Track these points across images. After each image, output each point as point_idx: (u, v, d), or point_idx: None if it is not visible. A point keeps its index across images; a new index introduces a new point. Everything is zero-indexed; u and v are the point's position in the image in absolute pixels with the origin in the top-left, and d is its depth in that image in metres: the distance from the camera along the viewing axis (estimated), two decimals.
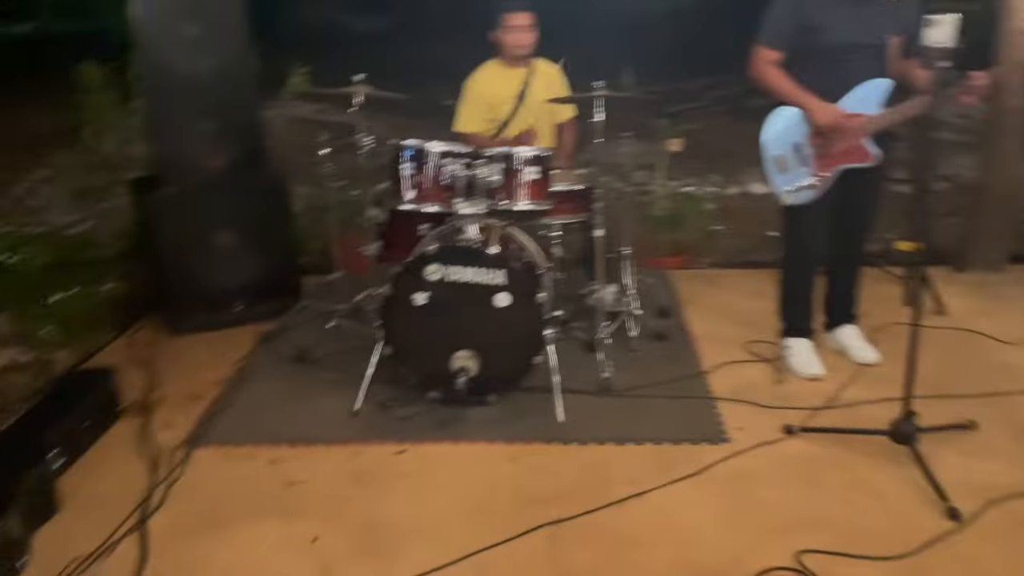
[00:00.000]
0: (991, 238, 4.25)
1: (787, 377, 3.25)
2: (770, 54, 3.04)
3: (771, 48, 3.04)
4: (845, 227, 3.23)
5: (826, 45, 2.93)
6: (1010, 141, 4.07)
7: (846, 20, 2.90)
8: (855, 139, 2.98)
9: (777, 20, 3.02)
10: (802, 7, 2.97)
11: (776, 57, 3.04)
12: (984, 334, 3.55)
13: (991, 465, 2.61)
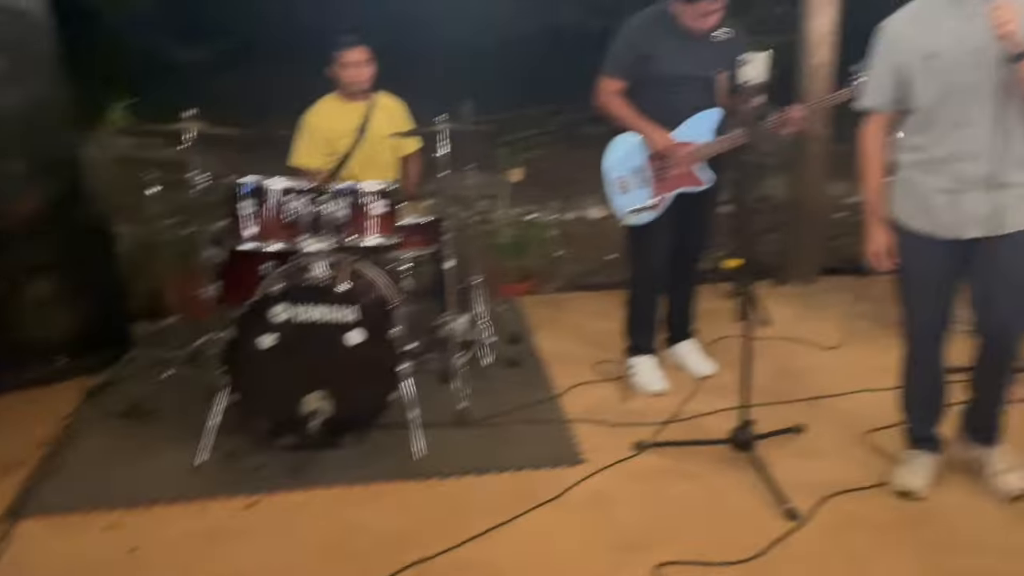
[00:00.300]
0: (805, 253, 4.63)
1: (634, 394, 3.38)
2: (612, 84, 3.21)
3: (613, 78, 3.20)
4: (682, 248, 3.42)
5: (660, 76, 3.13)
6: (816, 164, 4.48)
7: (678, 54, 3.11)
8: (689, 164, 3.18)
9: (618, 52, 3.20)
10: (639, 41, 3.16)
11: (618, 87, 3.21)
12: (805, 341, 3.86)
13: (821, 464, 2.83)
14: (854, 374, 3.47)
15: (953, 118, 2.31)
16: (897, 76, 2.39)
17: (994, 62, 2.21)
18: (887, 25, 2.43)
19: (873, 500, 2.62)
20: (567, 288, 4.73)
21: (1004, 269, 2.36)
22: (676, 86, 3.14)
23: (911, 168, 2.44)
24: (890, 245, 2.50)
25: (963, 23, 2.25)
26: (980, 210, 2.32)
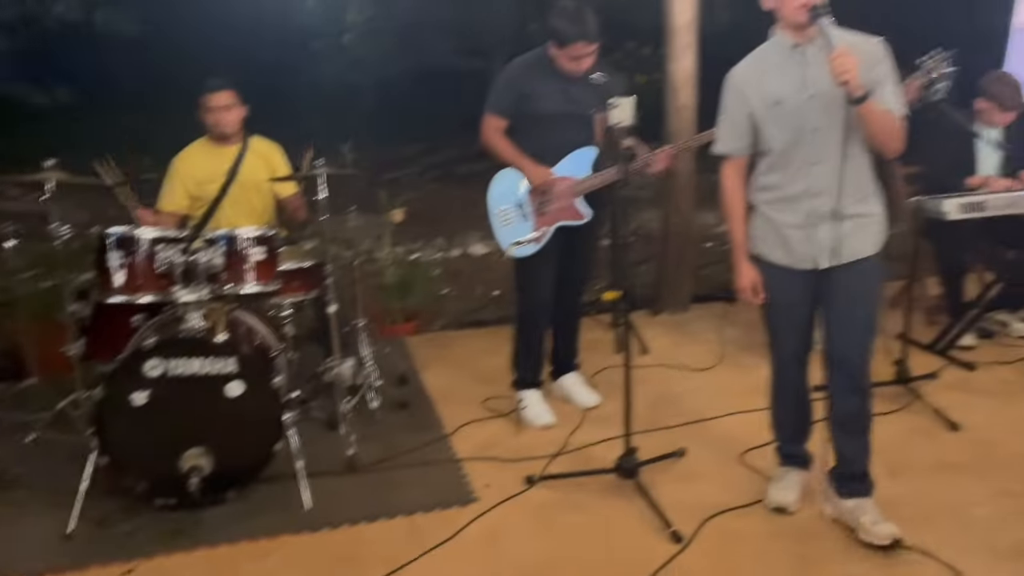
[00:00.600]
0: (677, 282, 4.84)
1: (524, 428, 3.43)
2: (495, 121, 3.31)
3: (496, 116, 3.31)
4: (565, 281, 3.51)
5: (540, 115, 3.25)
6: (684, 198, 4.70)
7: (556, 94, 3.23)
8: (568, 199, 3.29)
9: (500, 92, 3.31)
10: (520, 81, 3.27)
11: (500, 124, 3.31)
12: (682, 367, 4.03)
13: (702, 486, 2.95)
14: (728, 397, 3.64)
15: (802, 158, 2.47)
16: (747, 123, 2.54)
17: (834, 105, 2.39)
18: (733, 74, 2.57)
19: (751, 517, 2.75)
20: (454, 326, 4.76)
21: (850, 295, 2.53)
22: (555, 125, 3.26)
23: (767, 206, 2.58)
24: (757, 280, 2.63)
25: (802, 70, 2.43)
26: (830, 241, 2.48)
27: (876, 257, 2.55)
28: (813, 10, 2.31)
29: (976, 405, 3.48)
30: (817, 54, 2.41)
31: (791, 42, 2.45)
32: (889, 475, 2.88)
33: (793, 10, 2.35)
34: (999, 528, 2.64)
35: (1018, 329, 4.28)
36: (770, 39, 2.53)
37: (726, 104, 2.59)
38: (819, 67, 2.40)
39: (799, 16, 2.35)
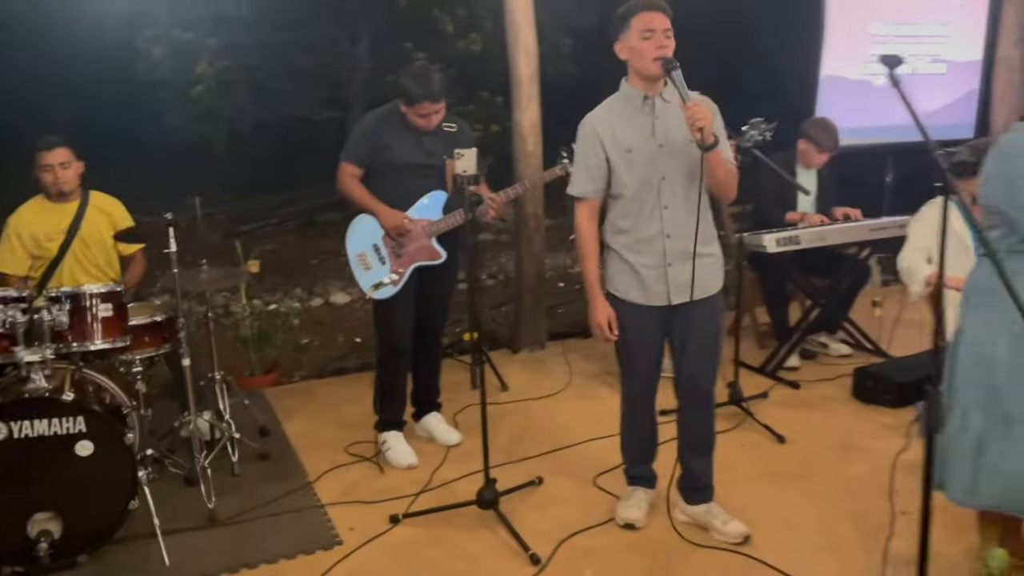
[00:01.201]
0: (533, 322, 5.06)
1: (388, 470, 3.50)
2: (352, 169, 3.43)
3: (352, 164, 3.43)
4: (424, 323, 3.63)
5: (393, 164, 3.39)
6: (535, 241, 4.95)
7: (408, 146, 3.39)
8: (423, 240, 3.43)
9: (356, 142, 3.45)
10: (375, 133, 3.41)
11: (357, 172, 3.44)
12: (539, 401, 4.22)
13: (557, 510, 3.11)
14: (582, 426, 3.85)
15: (653, 203, 2.67)
16: (602, 167, 2.68)
17: (681, 154, 2.63)
18: (588, 122, 2.71)
19: (603, 535, 2.93)
20: (316, 375, 4.76)
21: (700, 328, 2.76)
22: (408, 174, 3.41)
23: (623, 249, 2.72)
24: (611, 316, 2.75)
25: (652, 121, 2.65)
26: (683, 279, 2.70)
27: (720, 293, 2.81)
28: (666, 63, 2.53)
29: (801, 420, 3.85)
30: (664, 107, 2.66)
31: (642, 94, 2.66)
32: (726, 486, 3.14)
33: (648, 62, 2.56)
34: (817, 529, 2.94)
35: (837, 349, 4.75)
36: (621, 90, 2.72)
37: (581, 149, 2.73)
38: (666, 119, 2.64)
39: (653, 68, 2.56)
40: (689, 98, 2.49)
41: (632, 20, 2.58)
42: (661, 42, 2.55)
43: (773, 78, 6.11)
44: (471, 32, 8.25)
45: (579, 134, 2.75)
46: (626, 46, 2.62)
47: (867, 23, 5.84)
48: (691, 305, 2.71)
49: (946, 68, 6.18)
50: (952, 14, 6.06)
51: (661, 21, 2.56)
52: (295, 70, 8.54)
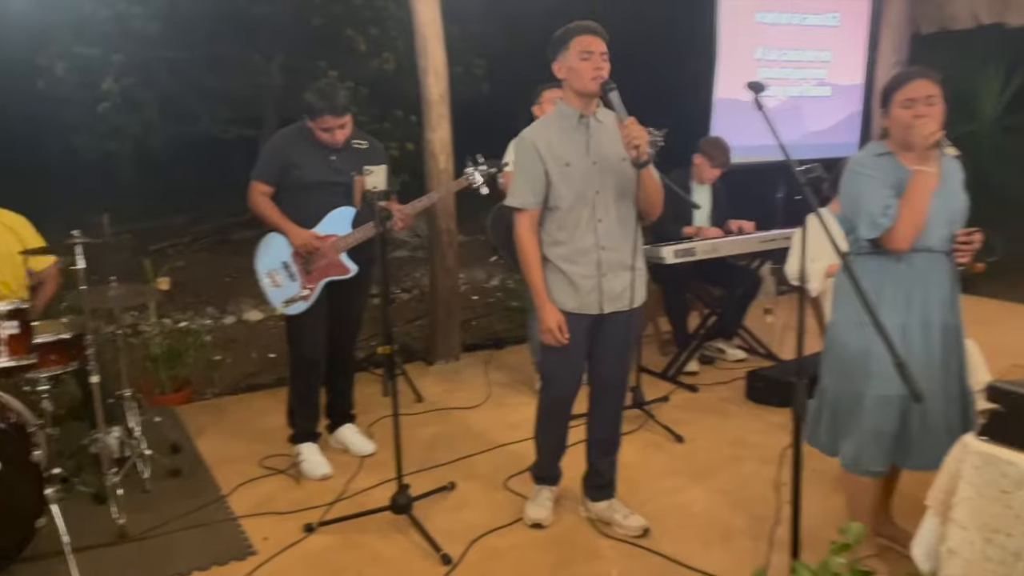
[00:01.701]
0: (448, 334, 5.18)
1: (302, 481, 3.55)
2: (261, 187, 3.49)
3: (262, 182, 3.49)
4: (337, 337, 3.70)
5: (302, 182, 3.46)
6: (448, 255, 5.08)
7: (317, 163, 3.46)
8: (333, 255, 3.51)
9: (266, 159, 3.51)
10: (284, 151, 3.48)
11: (267, 190, 3.50)
12: (453, 410, 4.34)
13: (468, 513, 3.23)
14: (494, 433, 3.99)
15: (588, 216, 2.81)
16: (543, 180, 2.77)
17: (613, 171, 2.78)
18: (527, 137, 2.81)
19: (512, 534, 3.07)
20: (229, 392, 4.75)
21: (622, 337, 2.92)
22: (317, 190, 3.47)
23: (560, 260, 2.82)
24: (561, 320, 2.80)
25: (587, 139, 2.80)
26: (615, 290, 2.85)
27: (643, 305, 2.98)
28: (605, 84, 2.68)
29: (698, 421, 4.08)
30: (598, 126, 2.82)
31: (577, 113, 2.80)
32: (629, 484, 3.32)
33: (588, 81, 2.70)
34: (711, 520, 3.14)
35: (733, 354, 5.04)
36: (556, 108, 2.87)
37: (522, 162, 2.82)
38: (599, 138, 2.80)
39: (592, 86, 2.71)
40: (626, 117, 2.64)
41: (571, 42, 2.73)
42: (599, 64, 2.71)
43: (672, 100, 6.42)
44: (384, 51, 8.35)
45: (519, 148, 2.85)
46: (565, 65, 2.76)
47: (754, 49, 6.22)
48: (616, 315, 2.87)
49: (831, 91, 6.62)
50: (832, 41, 6.51)
51: (599, 45, 2.73)
52: (206, 87, 8.47)
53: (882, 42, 6.39)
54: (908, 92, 2.38)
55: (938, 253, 2.49)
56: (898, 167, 2.47)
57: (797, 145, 6.66)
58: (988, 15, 6.05)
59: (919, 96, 2.37)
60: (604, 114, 2.85)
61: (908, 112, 2.38)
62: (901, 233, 2.40)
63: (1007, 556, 1.73)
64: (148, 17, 7.46)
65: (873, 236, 2.44)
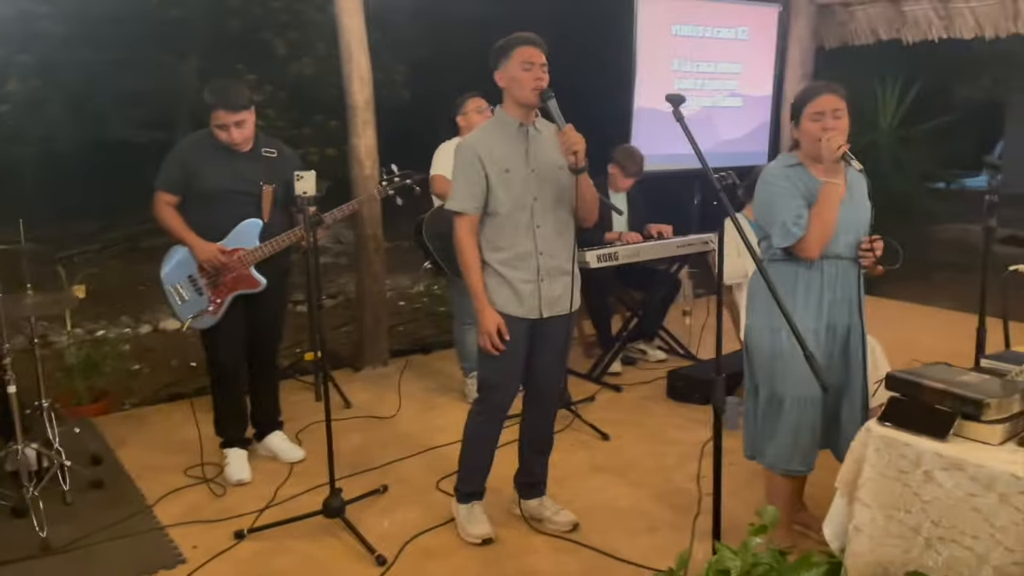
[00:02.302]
0: (375, 340, 5.19)
1: (228, 488, 3.51)
2: (166, 197, 3.43)
3: (166, 191, 3.42)
4: (257, 347, 3.69)
5: (207, 190, 3.40)
6: (375, 261, 5.09)
7: (222, 170, 3.41)
8: (241, 269, 3.47)
9: (169, 168, 3.44)
10: (187, 158, 3.42)
11: (171, 199, 3.43)
12: (382, 416, 4.36)
13: (401, 515, 3.27)
14: (424, 436, 4.03)
15: (527, 222, 2.86)
16: (483, 185, 2.80)
17: (550, 179, 2.85)
18: (468, 144, 2.85)
19: (446, 534, 3.12)
20: (149, 401, 4.64)
21: (559, 340, 2.99)
22: (223, 200, 3.42)
23: (501, 265, 2.85)
24: (501, 323, 2.82)
25: (526, 146, 2.86)
26: (554, 294, 2.92)
27: None
28: (544, 93, 2.74)
29: (623, 419, 4.22)
30: (536, 135, 2.88)
31: (517, 121, 2.86)
32: (558, 481, 3.41)
33: (528, 92, 2.76)
34: (636, 513, 3.27)
35: (654, 355, 5.21)
36: (496, 117, 2.92)
37: (463, 168, 2.83)
38: (538, 146, 2.87)
39: (532, 97, 2.76)
40: (564, 125, 2.72)
41: (513, 52, 2.79)
42: (539, 74, 2.78)
43: (594, 110, 6.59)
44: (304, 56, 8.27)
45: (459, 155, 2.87)
46: (506, 75, 2.82)
47: (671, 60, 6.45)
48: (555, 319, 2.95)
49: (743, 102, 6.91)
50: (743, 54, 6.81)
51: (539, 56, 2.80)
52: (117, 90, 8.22)
53: (789, 55, 6.72)
54: (817, 106, 2.55)
55: (846, 260, 2.65)
56: (809, 178, 2.63)
57: (711, 153, 6.75)
58: (886, 32, 6.45)
59: (827, 109, 2.53)
60: (542, 124, 2.93)
61: (817, 125, 2.55)
62: (812, 242, 2.54)
63: (906, 531, 1.89)
64: (57, 17, 7.21)
65: (786, 245, 2.58)
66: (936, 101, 9.29)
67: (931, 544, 1.85)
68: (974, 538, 1.78)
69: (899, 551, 1.91)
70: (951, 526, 1.81)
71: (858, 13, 6.53)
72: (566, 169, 2.85)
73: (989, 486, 1.76)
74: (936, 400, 1.91)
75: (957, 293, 6.70)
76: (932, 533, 1.84)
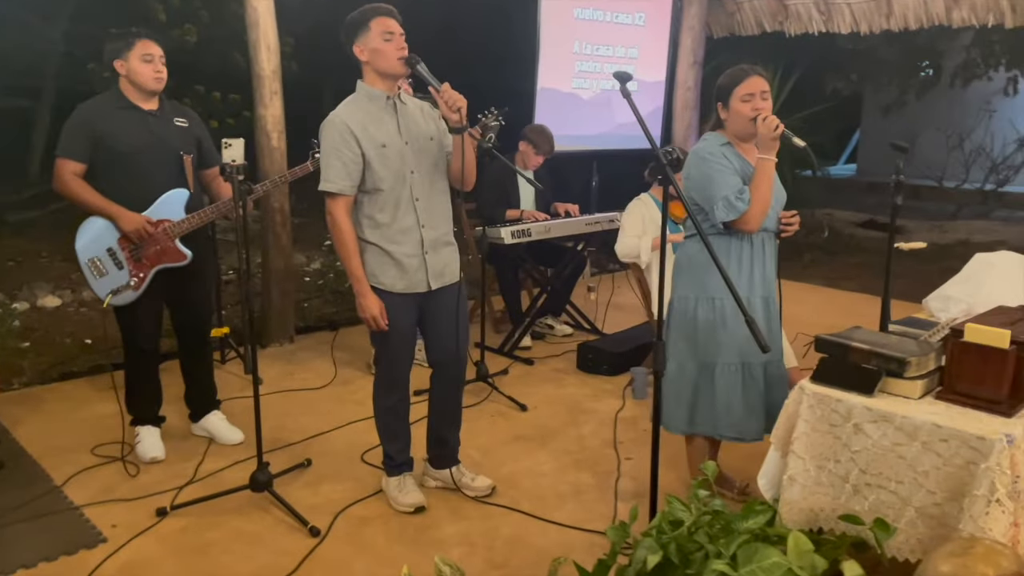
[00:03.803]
0: (282, 316, 5.09)
1: (141, 465, 3.39)
2: (71, 165, 3.19)
3: (71, 159, 3.19)
4: (184, 324, 3.56)
5: (121, 152, 3.21)
6: (282, 235, 4.98)
7: (134, 129, 3.24)
8: (166, 241, 3.33)
9: (71, 132, 3.21)
10: (91, 119, 3.21)
11: (78, 168, 3.20)
12: (296, 391, 4.30)
13: (330, 487, 3.27)
14: (341, 410, 4.02)
15: (408, 195, 2.84)
16: (358, 163, 2.74)
17: (425, 150, 2.85)
18: (338, 119, 2.74)
19: (376, 504, 3.14)
20: (40, 381, 4.38)
21: (451, 310, 2.98)
22: (140, 163, 3.25)
23: (382, 240, 2.81)
24: (383, 307, 2.81)
25: (396, 119, 2.84)
26: (439, 266, 2.94)
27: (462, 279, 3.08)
28: (409, 60, 2.72)
29: (537, 391, 4.34)
30: (403, 108, 2.86)
31: (384, 94, 2.82)
32: (481, 451, 3.50)
33: (393, 62, 2.73)
34: (560, 479, 3.39)
35: (561, 330, 5.36)
36: (360, 91, 2.84)
37: (334, 146, 2.74)
38: (407, 118, 2.85)
39: (399, 67, 2.74)
40: (440, 84, 2.70)
41: (371, 23, 2.74)
42: (401, 43, 2.76)
43: (499, 89, 6.66)
44: (186, 22, 7.88)
45: (330, 131, 2.76)
46: (367, 48, 2.75)
47: (571, 43, 6.60)
48: (443, 290, 2.97)
49: (638, 86, 7.16)
50: (639, 39, 7.05)
51: (397, 26, 2.77)
52: None
53: (682, 43, 7.00)
54: (746, 88, 2.71)
55: (770, 232, 2.85)
56: (737, 156, 2.79)
57: (608, 136, 7.17)
58: (771, 24, 6.82)
59: (756, 91, 2.71)
60: (406, 96, 2.93)
61: (747, 105, 2.71)
62: (754, 215, 2.69)
63: (836, 479, 2.09)
64: None
65: (731, 219, 2.70)
66: (810, 92, 9.94)
67: (858, 490, 2.05)
68: (899, 483, 1.99)
69: (829, 498, 2.11)
70: (878, 473, 2.01)
71: (745, 5, 6.87)
72: (437, 139, 2.88)
73: (913, 435, 1.98)
74: (863, 360, 2.12)
75: (826, 273, 7.27)
76: (860, 480, 2.04)
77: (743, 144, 2.81)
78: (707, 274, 2.75)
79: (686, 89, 6.86)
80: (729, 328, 2.75)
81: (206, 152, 3.50)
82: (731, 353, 2.79)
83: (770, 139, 2.66)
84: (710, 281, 2.75)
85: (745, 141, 2.79)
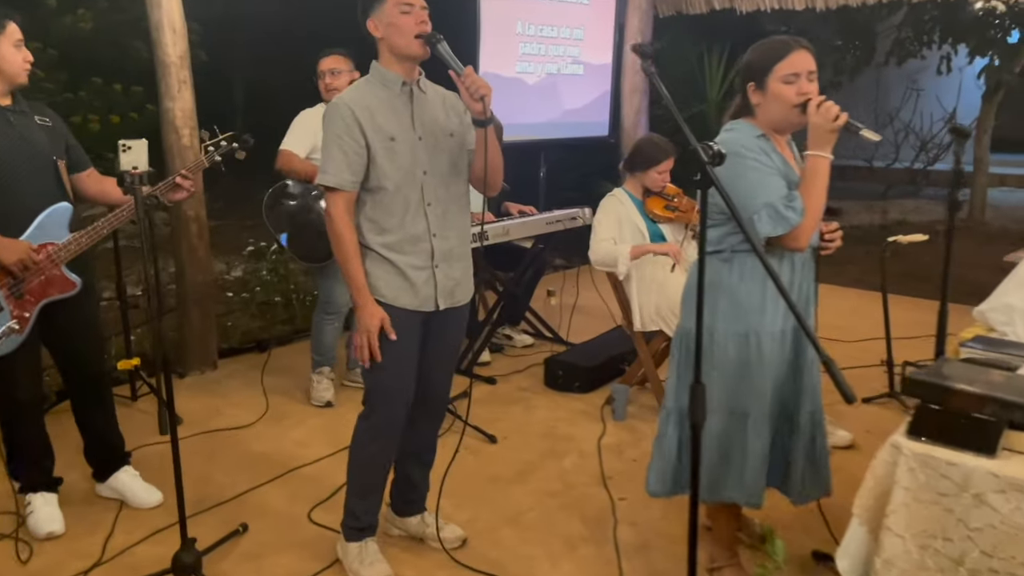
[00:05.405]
0: (202, 338, 4.43)
1: (36, 544, 2.75)
2: None
3: None
4: (75, 364, 2.93)
5: None
6: (199, 247, 4.32)
7: (5, 134, 2.64)
8: (51, 269, 2.70)
9: None
10: None
11: None
12: (224, 430, 3.68)
13: (271, 560, 2.69)
14: (280, 455, 3.42)
15: (418, 198, 2.37)
16: (363, 155, 2.33)
17: (441, 148, 2.38)
18: (343, 104, 2.32)
19: None
20: None
21: (451, 335, 2.55)
22: (14, 176, 2.64)
23: (385, 249, 2.39)
24: (385, 319, 2.36)
25: (411, 109, 2.36)
26: (449, 283, 2.45)
27: None
28: (429, 38, 2.26)
29: (504, 417, 3.82)
30: (421, 96, 2.39)
31: (400, 79, 2.36)
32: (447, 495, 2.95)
33: (410, 39, 2.27)
34: (548, 530, 2.89)
35: (521, 340, 4.87)
36: (374, 73, 2.39)
37: (336, 134, 2.32)
38: (424, 109, 2.38)
39: (415, 46, 2.28)
40: (463, 68, 2.23)
41: None
42: (422, 17, 2.29)
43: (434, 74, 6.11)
44: (80, 8, 7.04)
45: (334, 117, 2.33)
46: (382, 22, 2.31)
47: (514, 23, 6.08)
48: (450, 312, 2.50)
49: (583, 70, 6.69)
50: (584, 19, 6.57)
51: None
52: None
53: (628, 23, 6.55)
54: (789, 66, 2.16)
55: (808, 250, 2.30)
56: (776, 153, 2.25)
57: (556, 123, 6.68)
58: (720, 1, 6.44)
59: (802, 71, 2.15)
60: (426, 83, 2.46)
61: (791, 88, 2.16)
62: (806, 229, 2.15)
63: (945, 562, 1.65)
64: None
65: (778, 233, 2.15)
66: None
67: None
68: None
69: None
70: (1009, 557, 1.58)
71: None
72: (458, 136, 2.45)
73: None
74: (973, 407, 1.67)
75: None
76: (981, 564, 1.60)
77: (779, 137, 2.29)
78: (738, 301, 2.24)
79: (634, 73, 6.42)
80: (767, 369, 2.26)
81: (76, 153, 2.90)
82: (763, 401, 2.26)
83: (827, 131, 2.13)
84: (742, 311, 2.24)
85: (782, 133, 2.28)
